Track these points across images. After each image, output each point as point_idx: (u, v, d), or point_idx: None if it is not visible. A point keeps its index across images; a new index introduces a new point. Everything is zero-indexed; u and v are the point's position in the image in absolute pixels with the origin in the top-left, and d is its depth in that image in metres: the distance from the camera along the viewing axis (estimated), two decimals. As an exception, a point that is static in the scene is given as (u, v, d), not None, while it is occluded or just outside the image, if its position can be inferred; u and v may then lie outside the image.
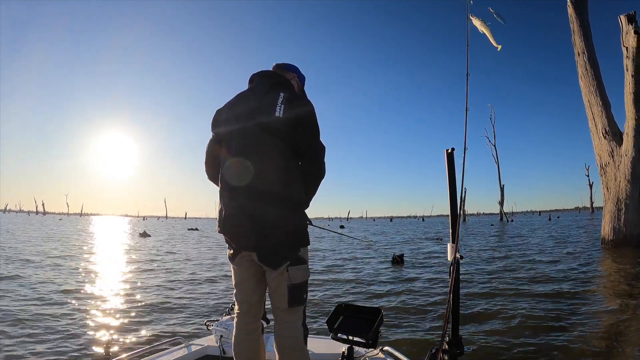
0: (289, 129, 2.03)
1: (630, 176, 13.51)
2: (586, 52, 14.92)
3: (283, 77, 2.28)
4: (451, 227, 2.21)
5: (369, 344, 2.38)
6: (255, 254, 2.04)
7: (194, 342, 2.88)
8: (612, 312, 5.88)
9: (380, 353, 2.60)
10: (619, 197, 13.79)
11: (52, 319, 5.72)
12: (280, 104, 2.05)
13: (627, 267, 9.87)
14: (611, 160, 14.09)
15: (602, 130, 14.36)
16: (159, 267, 11.73)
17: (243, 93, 2.26)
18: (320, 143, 2.16)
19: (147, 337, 4.97)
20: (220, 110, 2.26)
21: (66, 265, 11.55)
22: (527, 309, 6.03)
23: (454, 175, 2.23)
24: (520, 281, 8.42)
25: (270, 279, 2.09)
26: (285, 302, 2.06)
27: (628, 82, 13.44)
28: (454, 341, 2.09)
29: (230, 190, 2.08)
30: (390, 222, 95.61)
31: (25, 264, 11.46)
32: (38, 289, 7.77)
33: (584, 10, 15.23)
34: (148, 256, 14.98)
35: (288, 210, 2.03)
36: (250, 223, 1.99)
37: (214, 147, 2.28)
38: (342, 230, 39.09)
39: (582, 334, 4.91)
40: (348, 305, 2.63)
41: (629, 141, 13.42)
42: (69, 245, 19.21)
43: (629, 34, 13.38)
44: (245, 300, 2.21)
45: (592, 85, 14.70)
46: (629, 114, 13.43)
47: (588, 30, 15.11)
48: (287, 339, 2.10)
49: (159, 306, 6.63)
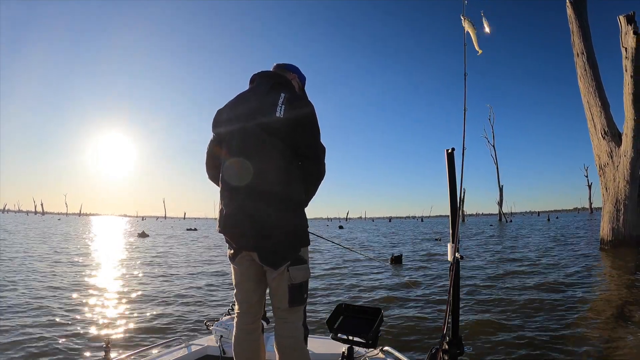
0: (289, 130, 2.03)
1: (629, 177, 13.48)
2: (585, 52, 14.88)
3: (284, 78, 2.28)
4: (451, 227, 2.21)
5: (369, 344, 2.38)
6: (256, 254, 2.05)
7: (194, 342, 2.88)
8: (612, 314, 5.89)
9: (380, 353, 2.60)
10: (618, 197, 13.77)
11: (52, 319, 5.70)
12: (281, 104, 2.05)
13: (626, 268, 9.88)
14: (610, 161, 14.08)
15: (601, 131, 14.34)
16: (157, 267, 11.71)
17: (244, 93, 2.26)
18: (320, 144, 2.16)
19: (147, 337, 4.96)
20: (221, 111, 2.26)
21: (62, 266, 11.54)
22: (524, 311, 6.02)
23: (454, 175, 2.23)
24: (518, 281, 8.42)
25: (271, 279, 2.09)
26: (285, 302, 2.06)
27: (627, 83, 13.41)
28: (454, 341, 2.09)
29: (231, 191, 2.09)
30: (390, 223, 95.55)
31: (16, 263, 11.44)
32: (34, 289, 7.76)
33: (583, 10, 15.19)
34: (145, 256, 14.96)
35: (288, 211, 2.04)
36: (250, 223, 1.99)
37: (215, 148, 2.28)
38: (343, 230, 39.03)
39: (580, 334, 4.92)
40: (348, 305, 2.63)
41: (628, 142, 13.39)
42: (65, 245, 19.18)
43: (628, 34, 13.36)
44: (246, 300, 2.21)
45: (591, 86, 14.66)
46: (628, 114, 13.40)
47: (587, 31, 15.07)
48: (288, 339, 2.10)
49: (158, 306, 6.62)
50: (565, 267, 10.26)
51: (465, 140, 2.28)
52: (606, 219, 14.25)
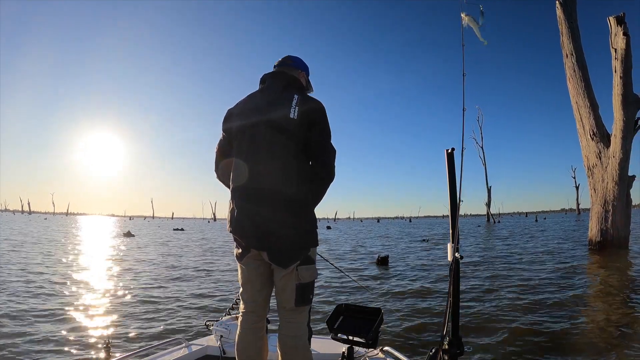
0: (301, 131, 2.05)
1: (618, 178, 13.59)
2: (574, 53, 14.97)
3: (295, 78, 2.29)
4: (451, 227, 2.22)
5: (369, 344, 2.38)
6: (265, 253, 2.05)
7: (194, 342, 2.87)
8: (601, 314, 5.96)
9: (380, 353, 2.61)
10: (607, 198, 13.87)
11: (51, 318, 5.67)
12: (294, 105, 2.06)
13: (614, 269, 10.00)
14: (599, 162, 14.19)
15: (590, 131, 14.44)
16: (146, 267, 11.63)
17: (255, 93, 2.27)
18: (331, 145, 2.16)
19: (147, 337, 4.94)
20: (232, 110, 2.26)
21: (50, 265, 11.44)
22: (514, 314, 6.03)
23: (454, 175, 2.25)
24: (505, 282, 8.46)
25: (278, 278, 2.09)
26: (292, 301, 2.07)
27: (616, 84, 13.50)
28: (454, 341, 2.10)
29: (241, 191, 2.09)
30: (378, 223, 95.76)
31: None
32: (29, 290, 7.68)
33: (572, 11, 15.27)
34: (134, 256, 14.86)
35: (295, 211, 2.04)
36: (257, 223, 2.00)
37: (224, 147, 2.28)
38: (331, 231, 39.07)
39: (571, 334, 4.98)
40: (348, 305, 2.63)
41: (616, 143, 13.50)
42: (51, 246, 19.00)
43: (617, 35, 13.48)
44: (252, 300, 2.21)
45: (580, 87, 14.75)
46: (617, 115, 13.50)
47: (577, 32, 15.16)
48: (292, 339, 2.10)
49: (158, 306, 6.59)
50: (552, 269, 10.33)
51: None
52: (595, 220, 14.33)
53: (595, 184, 14.40)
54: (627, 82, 13.32)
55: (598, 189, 14.21)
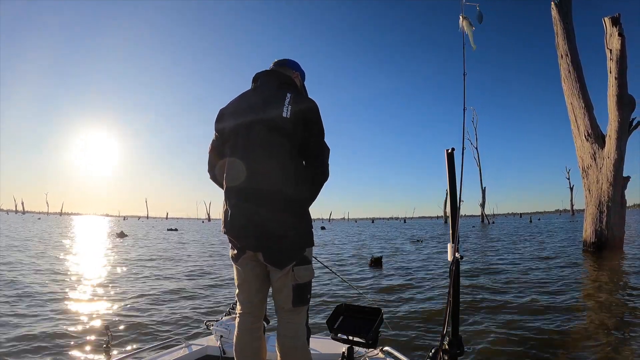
0: (295, 129, 2.03)
1: (613, 179, 13.59)
2: (569, 54, 14.97)
3: (289, 77, 2.27)
4: (451, 227, 2.22)
5: (369, 344, 2.38)
6: (260, 254, 2.03)
7: (194, 342, 2.87)
8: (595, 315, 5.99)
9: (380, 353, 2.61)
10: (601, 199, 13.89)
11: (52, 319, 5.63)
12: (287, 104, 2.05)
13: (608, 270, 10.06)
14: (593, 163, 14.20)
15: (585, 132, 14.46)
16: (142, 268, 11.58)
17: (247, 92, 2.25)
18: (325, 144, 2.16)
19: (147, 337, 4.92)
20: (224, 110, 2.24)
21: (46, 264, 11.38)
22: (507, 315, 6.05)
23: (454, 175, 2.24)
24: (498, 284, 8.47)
25: (275, 279, 2.08)
26: (289, 302, 2.06)
27: (611, 85, 13.52)
28: (454, 341, 2.10)
29: (235, 191, 2.07)
30: (372, 224, 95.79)
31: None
32: (25, 290, 7.63)
33: (568, 12, 15.28)
34: (127, 256, 14.80)
35: (294, 211, 2.03)
36: (256, 223, 1.98)
37: (219, 148, 2.25)
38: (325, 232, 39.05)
39: (564, 335, 5.02)
40: (348, 305, 2.63)
41: (611, 144, 13.53)
42: (44, 245, 18.91)
43: (613, 36, 13.50)
44: (248, 301, 2.20)
45: (575, 88, 14.76)
46: (612, 116, 13.52)
47: (572, 33, 15.17)
48: (290, 339, 2.09)
49: (157, 306, 6.57)
50: (547, 270, 10.36)
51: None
52: (589, 221, 14.33)
53: (589, 185, 14.41)
54: (622, 83, 13.32)
55: (593, 190, 14.23)
